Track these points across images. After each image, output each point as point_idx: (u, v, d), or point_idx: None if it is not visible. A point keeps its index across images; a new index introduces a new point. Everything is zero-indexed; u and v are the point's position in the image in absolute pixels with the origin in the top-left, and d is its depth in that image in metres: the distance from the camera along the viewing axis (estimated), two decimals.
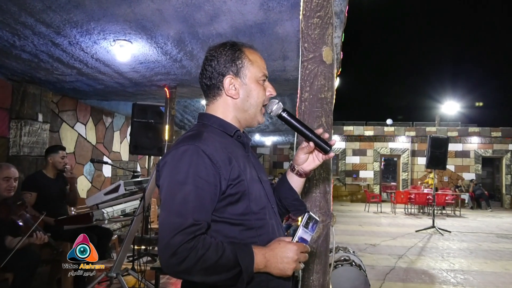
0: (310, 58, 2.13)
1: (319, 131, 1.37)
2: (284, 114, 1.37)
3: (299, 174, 1.46)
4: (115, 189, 3.29)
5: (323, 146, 1.36)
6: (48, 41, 4.06)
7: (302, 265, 1.24)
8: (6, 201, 3.18)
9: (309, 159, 1.43)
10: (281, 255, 1.19)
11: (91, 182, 7.25)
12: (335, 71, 2.36)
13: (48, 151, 4.18)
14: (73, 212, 3.80)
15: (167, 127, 5.48)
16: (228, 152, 1.24)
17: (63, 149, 4.28)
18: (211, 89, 1.36)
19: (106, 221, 3.48)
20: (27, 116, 5.39)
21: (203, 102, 8.12)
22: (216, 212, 1.20)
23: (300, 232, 1.26)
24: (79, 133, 6.89)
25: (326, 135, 1.37)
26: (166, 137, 5.41)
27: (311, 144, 1.36)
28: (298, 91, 2.17)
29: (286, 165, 18.65)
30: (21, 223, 2.95)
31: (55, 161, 4.12)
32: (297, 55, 4.07)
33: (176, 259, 1.06)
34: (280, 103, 1.39)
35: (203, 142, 1.20)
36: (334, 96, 2.19)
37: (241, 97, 1.34)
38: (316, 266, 1.94)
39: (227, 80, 1.33)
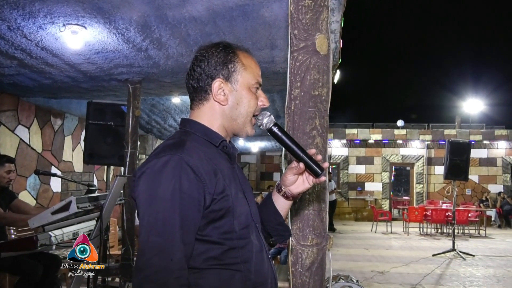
0: (301, 47, 2.15)
1: (312, 151, 1.47)
2: (275, 129, 1.48)
3: (286, 196, 1.57)
4: (65, 207, 3.27)
5: (314, 169, 1.45)
6: None
7: None
8: None
9: (298, 181, 1.54)
10: None
11: (35, 199, 7.16)
12: (332, 63, 2.40)
13: None
14: (12, 236, 3.77)
15: (130, 130, 5.46)
16: (213, 164, 1.34)
17: (11, 161, 4.29)
18: (198, 92, 1.47)
19: (53, 247, 3.46)
20: None
21: (175, 100, 8.13)
22: (197, 230, 1.29)
23: None
24: (21, 139, 6.82)
25: (319, 157, 1.47)
26: (129, 143, 5.38)
27: (301, 165, 1.45)
28: (287, 87, 2.20)
29: (276, 176, 18.67)
30: None
31: None
32: (287, 43, 4.12)
33: (149, 286, 1.17)
34: (272, 116, 1.50)
35: (186, 152, 1.29)
36: (331, 93, 2.22)
37: (230, 104, 1.45)
38: None
39: (216, 84, 1.43)
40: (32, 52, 4.81)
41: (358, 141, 17.87)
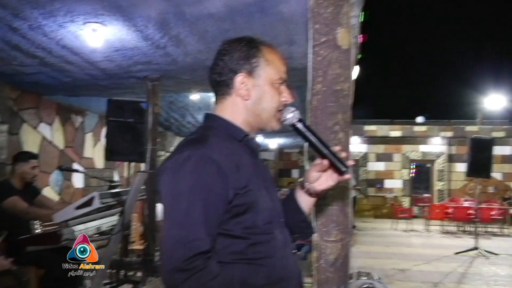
0: (322, 42, 2.17)
1: (337, 148, 1.47)
2: (300, 125, 1.46)
3: (309, 193, 1.56)
4: (89, 202, 3.33)
5: (338, 166, 1.44)
6: (4, 25, 4.12)
7: None
8: None
9: (321, 178, 1.51)
10: None
11: (59, 194, 7.30)
12: (353, 57, 2.40)
13: (16, 159, 4.27)
14: (38, 231, 3.86)
15: (150, 127, 5.52)
16: (236, 159, 1.35)
17: (35, 157, 4.38)
18: (220, 86, 1.47)
19: None
20: None
21: (193, 97, 8.18)
22: (220, 224, 1.31)
23: None
24: (43, 136, 6.94)
25: (344, 154, 1.47)
26: (150, 140, 5.44)
27: (325, 162, 1.44)
28: (309, 82, 2.22)
29: (294, 173, 18.65)
30: None
31: (23, 172, 4.20)
32: (305, 39, 4.11)
33: (179, 275, 1.20)
34: (297, 111, 1.47)
35: (209, 147, 1.31)
36: (353, 88, 2.24)
37: (253, 99, 1.45)
38: None
39: (239, 79, 1.43)
40: (53, 51, 4.89)
41: (378, 138, 17.71)
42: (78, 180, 7.89)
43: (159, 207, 5.68)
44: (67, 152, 7.56)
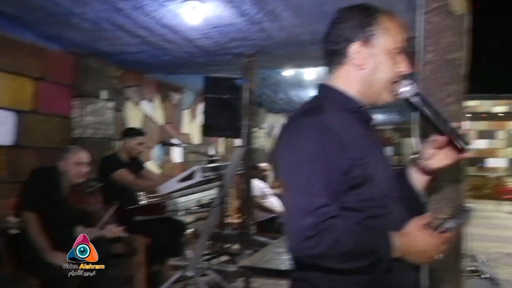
0: (434, 8, 2.06)
1: (456, 124, 1.38)
2: (415, 100, 1.37)
3: (424, 171, 1.49)
4: (190, 176, 3.47)
5: (457, 143, 1.36)
6: (110, 6, 4.33)
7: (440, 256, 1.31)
8: (76, 188, 3.55)
9: (438, 156, 1.44)
10: (422, 249, 1.27)
11: (161, 168, 7.66)
12: (467, 24, 2.24)
13: (124, 134, 4.58)
14: (143, 201, 4.12)
15: (246, 103, 5.56)
16: (351, 129, 1.33)
17: (141, 134, 4.65)
18: (334, 55, 1.43)
19: (182, 212, 3.70)
20: (90, 94, 5.83)
21: (285, 73, 8.13)
22: (336, 195, 1.27)
23: (449, 224, 1.31)
24: (145, 112, 7.31)
25: (464, 131, 1.39)
26: (246, 116, 5.50)
27: (444, 139, 1.37)
28: (419, 51, 2.11)
29: (387, 150, 18.19)
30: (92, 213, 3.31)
31: (130, 147, 4.51)
32: (406, 9, 3.91)
33: (310, 243, 1.18)
34: (415, 85, 1.38)
35: (326, 116, 1.29)
36: (467, 57, 2.09)
37: (367, 69, 1.39)
38: (447, 274, 1.91)
39: (354, 47, 1.39)
40: (154, 30, 5.07)
41: (480, 114, 16.68)
42: (177, 155, 8.24)
43: (255, 182, 5.79)
44: (166, 128, 7.90)
